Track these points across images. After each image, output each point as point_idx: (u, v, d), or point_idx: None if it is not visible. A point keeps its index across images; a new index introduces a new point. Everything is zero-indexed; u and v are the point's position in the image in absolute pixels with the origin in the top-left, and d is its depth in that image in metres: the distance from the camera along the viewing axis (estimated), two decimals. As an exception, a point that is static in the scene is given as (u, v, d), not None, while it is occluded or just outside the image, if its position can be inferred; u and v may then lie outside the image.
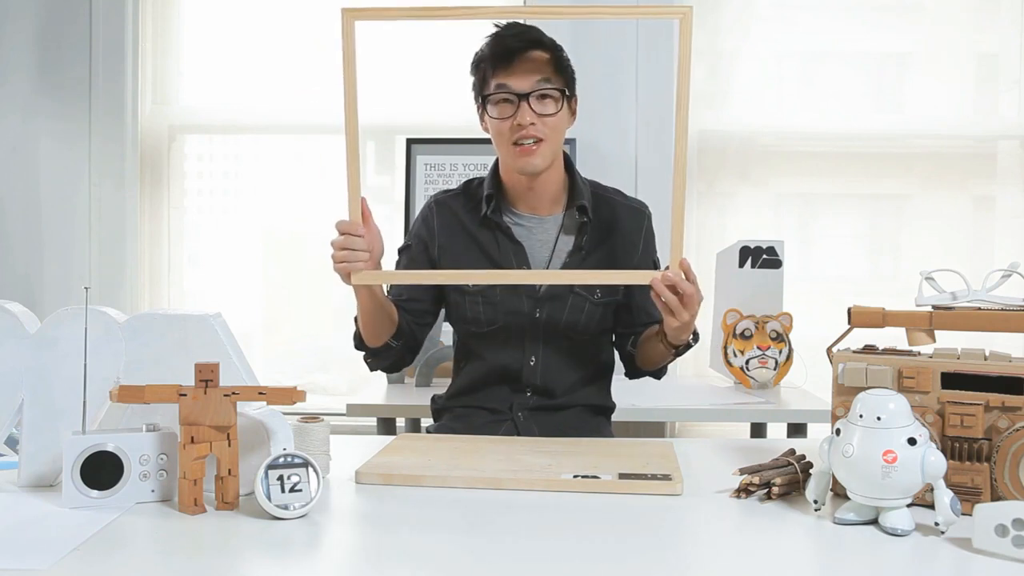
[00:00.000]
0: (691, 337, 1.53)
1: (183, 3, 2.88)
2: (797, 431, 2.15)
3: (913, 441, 0.95)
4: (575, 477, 1.16)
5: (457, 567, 0.89)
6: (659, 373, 1.71)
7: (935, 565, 0.90)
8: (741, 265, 2.37)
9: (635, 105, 2.71)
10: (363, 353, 1.65)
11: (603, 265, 1.61)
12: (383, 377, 2.42)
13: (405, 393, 2.28)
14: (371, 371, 1.71)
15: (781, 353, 2.30)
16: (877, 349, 1.14)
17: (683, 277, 1.38)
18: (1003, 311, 1.12)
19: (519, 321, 1.60)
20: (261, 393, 1.07)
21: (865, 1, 2.81)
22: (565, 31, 2.30)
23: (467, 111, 1.70)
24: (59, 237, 2.81)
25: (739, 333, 2.31)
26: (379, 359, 1.65)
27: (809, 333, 2.21)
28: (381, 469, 1.20)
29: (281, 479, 1.02)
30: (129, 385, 1.07)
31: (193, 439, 1.05)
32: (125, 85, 2.77)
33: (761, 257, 2.36)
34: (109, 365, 1.14)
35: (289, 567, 0.91)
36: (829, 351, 1.17)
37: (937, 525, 0.94)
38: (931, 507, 0.96)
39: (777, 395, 2.27)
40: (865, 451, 0.96)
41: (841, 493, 1.05)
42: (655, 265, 1.69)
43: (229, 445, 1.06)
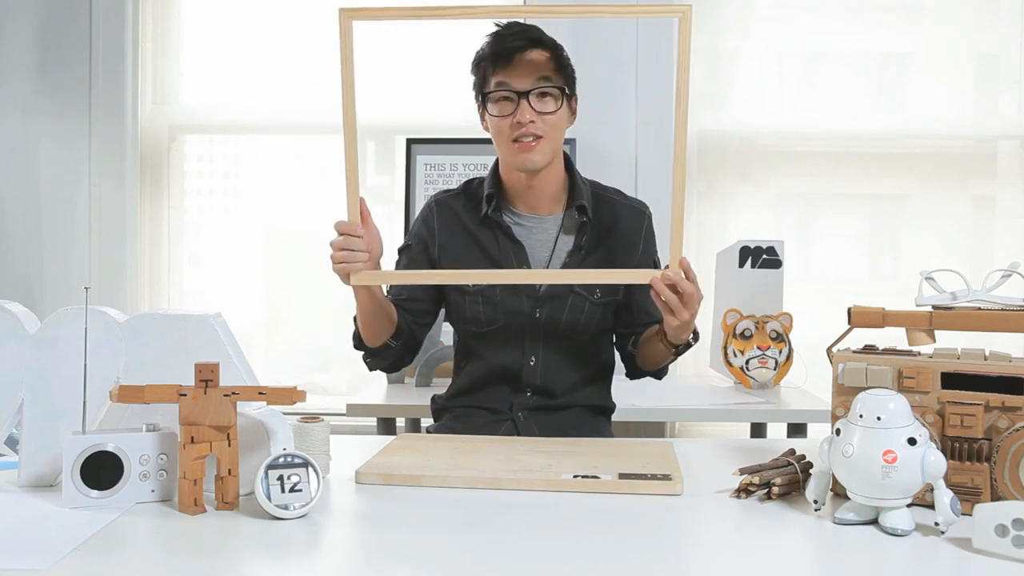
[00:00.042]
0: (691, 336, 1.53)
1: (183, 3, 2.88)
2: (797, 431, 2.15)
3: (913, 441, 0.95)
4: (575, 477, 1.16)
5: (457, 567, 0.89)
6: (660, 373, 1.71)
7: (935, 565, 0.90)
8: (741, 265, 2.37)
9: (635, 105, 2.72)
10: (362, 353, 1.65)
11: (603, 265, 1.61)
12: (383, 377, 2.42)
13: (405, 393, 2.28)
14: (370, 371, 1.71)
15: (781, 353, 2.30)
16: (877, 349, 1.14)
17: (683, 276, 1.38)
18: (1003, 311, 1.12)
19: (519, 321, 1.60)
20: (261, 393, 1.07)
21: (865, 1, 2.81)
22: (565, 30, 2.30)
23: (467, 111, 1.70)
24: (59, 237, 2.81)
25: (739, 333, 2.31)
26: (378, 359, 1.65)
27: (809, 333, 2.21)
28: (381, 469, 1.20)
29: (281, 479, 1.02)
30: (129, 385, 1.07)
31: (193, 439, 1.05)
32: (125, 85, 2.77)
33: (761, 257, 2.36)
34: (109, 365, 1.14)
35: (289, 567, 0.91)
36: (829, 351, 1.17)
37: (937, 525, 0.94)
38: (931, 507, 0.96)
39: (777, 395, 2.27)
40: (865, 451, 0.96)
41: (841, 493, 1.05)
42: (655, 265, 1.69)
43: (229, 445, 1.06)
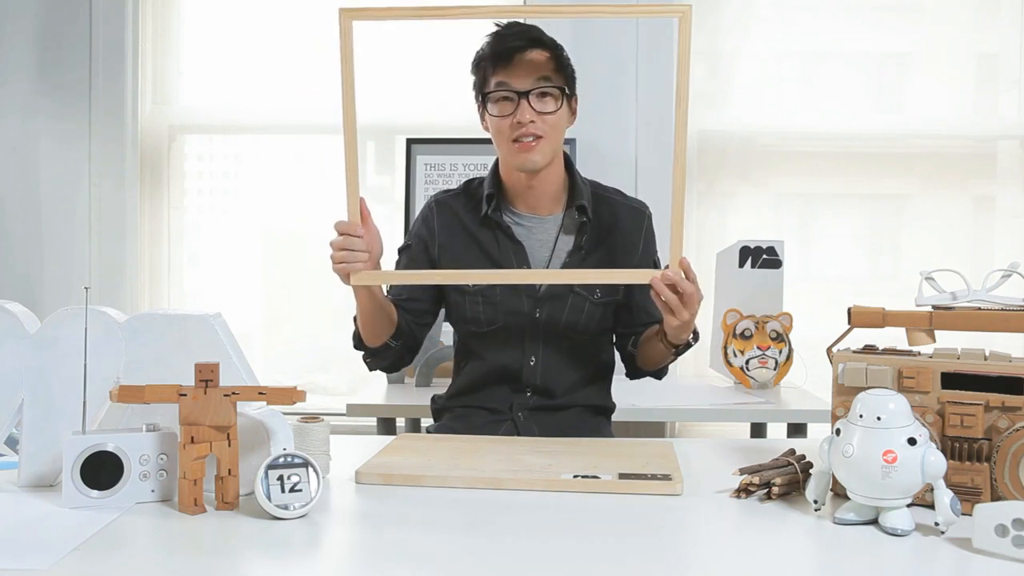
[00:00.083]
0: (691, 336, 1.53)
1: (183, 3, 2.88)
2: (797, 431, 2.15)
3: (913, 441, 0.95)
4: (575, 477, 1.16)
5: (457, 567, 0.89)
6: (660, 373, 1.71)
7: (935, 565, 0.90)
8: (741, 265, 2.37)
9: (635, 105, 2.72)
10: (362, 353, 1.65)
11: (603, 265, 1.61)
12: (383, 377, 2.42)
13: (405, 393, 2.28)
14: (370, 371, 1.71)
15: (781, 353, 2.30)
16: (877, 349, 1.14)
17: (683, 276, 1.38)
18: (1003, 311, 1.12)
19: (519, 321, 1.60)
20: (261, 393, 1.07)
21: (865, 1, 2.81)
22: (565, 30, 2.30)
23: (467, 111, 1.70)
24: (59, 237, 2.81)
25: (739, 333, 2.31)
26: (378, 359, 1.65)
27: (809, 333, 2.21)
28: (381, 469, 1.20)
29: (281, 479, 1.02)
30: (129, 385, 1.07)
31: (193, 439, 1.05)
32: (125, 85, 2.77)
33: (761, 257, 2.37)
34: (109, 365, 1.14)
35: (289, 567, 0.91)
36: (829, 351, 1.17)
37: (937, 525, 0.94)
38: (931, 507, 0.96)
39: (777, 395, 2.27)
40: (865, 451, 0.96)
41: (841, 493, 1.05)
42: (655, 265, 1.69)
43: (229, 445, 1.06)
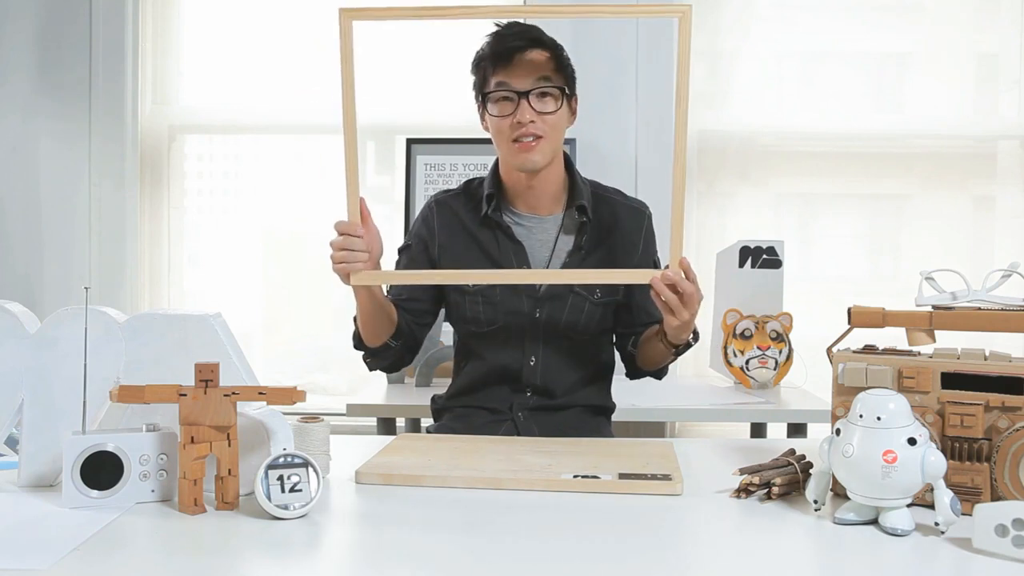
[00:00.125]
0: (691, 336, 1.53)
1: (183, 3, 2.88)
2: (797, 431, 2.15)
3: (913, 441, 0.95)
4: (575, 477, 1.16)
5: (457, 567, 0.89)
6: (660, 373, 1.71)
7: (935, 565, 0.90)
8: (741, 265, 2.37)
9: (635, 105, 2.72)
10: (362, 353, 1.65)
11: (603, 265, 1.61)
12: (383, 377, 2.42)
13: (405, 393, 2.28)
14: (370, 371, 1.71)
15: (781, 353, 2.30)
16: (877, 349, 1.14)
17: (683, 276, 1.38)
18: (1003, 311, 1.12)
19: (519, 321, 1.60)
20: (261, 393, 1.07)
21: (865, 1, 2.81)
22: (565, 31, 2.30)
23: (467, 111, 1.70)
24: (59, 237, 2.81)
25: (739, 333, 2.31)
26: (378, 359, 1.65)
27: (809, 333, 2.21)
28: (381, 469, 1.20)
29: (281, 479, 1.02)
30: (129, 385, 1.07)
31: (193, 439, 1.05)
32: (125, 85, 2.77)
33: (761, 257, 2.37)
34: (109, 365, 1.14)
35: (289, 567, 0.91)
36: (829, 351, 1.17)
37: (937, 525, 0.94)
38: (931, 507, 0.96)
39: (777, 395, 2.27)
40: (865, 451, 0.96)
41: (841, 493, 1.05)
42: (655, 265, 1.69)
43: (229, 445, 1.06)
